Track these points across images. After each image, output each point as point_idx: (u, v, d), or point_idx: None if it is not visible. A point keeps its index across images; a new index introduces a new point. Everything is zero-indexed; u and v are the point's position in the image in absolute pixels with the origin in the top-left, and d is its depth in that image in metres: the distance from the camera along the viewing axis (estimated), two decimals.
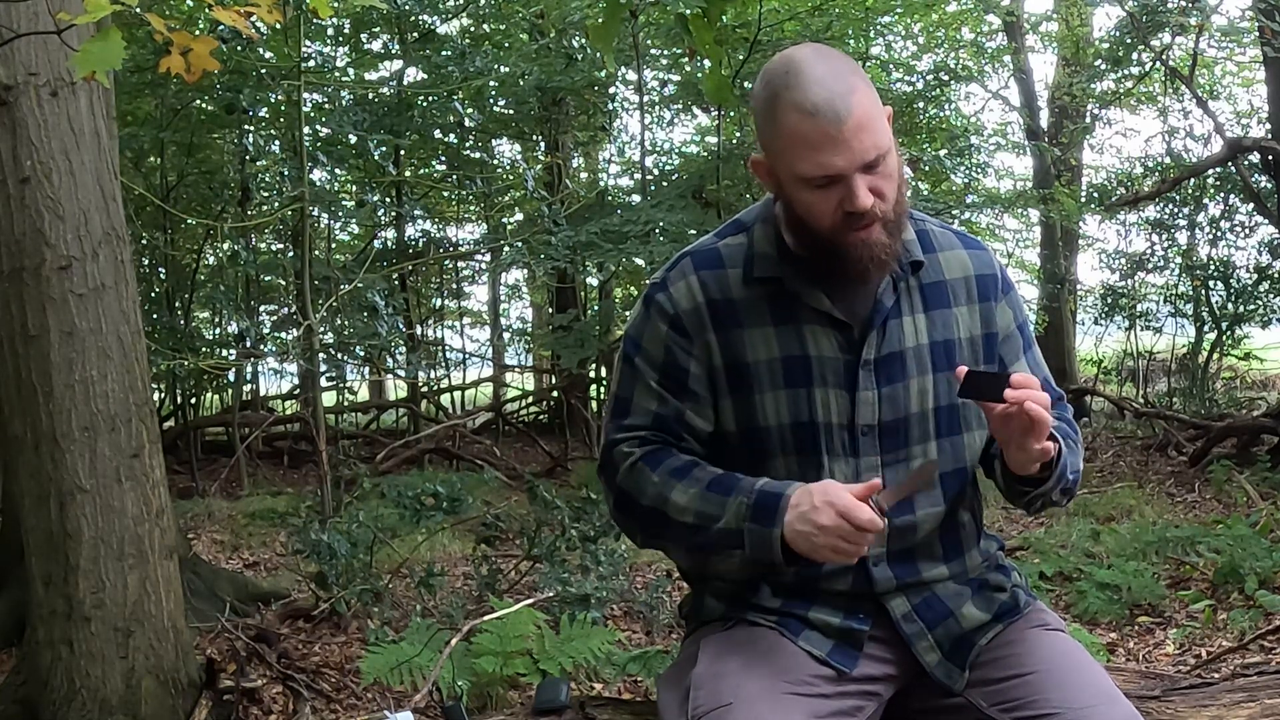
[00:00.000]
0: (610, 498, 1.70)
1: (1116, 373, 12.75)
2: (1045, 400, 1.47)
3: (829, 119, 1.47)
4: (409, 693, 3.61)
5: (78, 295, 3.18)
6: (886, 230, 1.55)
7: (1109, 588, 4.75)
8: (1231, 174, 9.81)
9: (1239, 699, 1.84)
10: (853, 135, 1.47)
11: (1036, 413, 1.45)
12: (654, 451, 1.64)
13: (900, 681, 1.65)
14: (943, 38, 10.95)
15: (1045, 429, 1.47)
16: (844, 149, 1.48)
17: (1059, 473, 1.59)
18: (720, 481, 1.59)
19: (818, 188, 1.52)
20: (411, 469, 9.21)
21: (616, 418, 1.69)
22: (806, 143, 1.49)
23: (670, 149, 11.97)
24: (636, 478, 1.63)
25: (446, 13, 9.91)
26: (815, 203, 1.53)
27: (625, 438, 1.66)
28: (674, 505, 1.59)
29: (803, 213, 1.56)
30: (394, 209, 9.86)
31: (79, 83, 3.16)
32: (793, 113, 1.49)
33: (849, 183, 1.50)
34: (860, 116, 1.48)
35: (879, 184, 1.52)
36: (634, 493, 1.63)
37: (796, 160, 1.51)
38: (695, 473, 1.61)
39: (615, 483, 1.66)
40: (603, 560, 4.59)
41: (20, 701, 3.46)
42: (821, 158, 1.49)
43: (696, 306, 1.64)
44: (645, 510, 1.63)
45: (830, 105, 1.47)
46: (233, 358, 9.38)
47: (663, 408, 1.65)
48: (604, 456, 1.70)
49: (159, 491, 3.37)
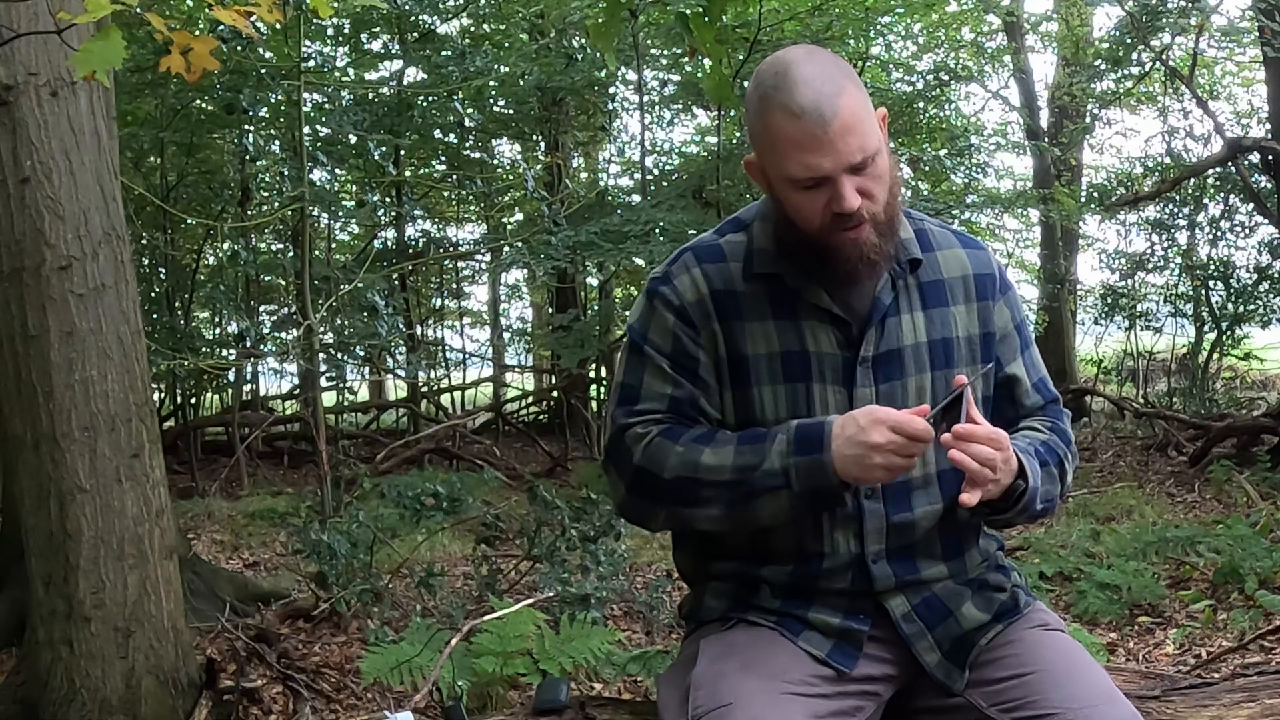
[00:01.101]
0: (623, 483, 1.64)
1: (1116, 373, 12.75)
2: (984, 455, 1.47)
3: (814, 120, 1.47)
4: (409, 693, 3.61)
5: (78, 295, 3.18)
6: (877, 231, 1.55)
7: (1109, 588, 4.75)
8: (1231, 174, 9.80)
9: (1239, 699, 1.84)
10: (839, 137, 1.48)
11: (962, 463, 1.47)
12: (671, 428, 1.62)
13: (900, 681, 1.65)
14: (943, 38, 10.94)
15: (979, 479, 1.48)
16: (829, 150, 1.48)
17: (1021, 507, 1.59)
18: (751, 434, 1.58)
19: (805, 189, 1.52)
20: (411, 469, 9.21)
21: (625, 404, 1.65)
22: (793, 144, 1.49)
23: (670, 149, 11.99)
24: (656, 453, 1.59)
25: (446, 13, 9.90)
26: (803, 204, 1.54)
27: (638, 420, 1.63)
28: (706, 467, 1.56)
29: (792, 213, 1.57)
30: (394, 209, 9.86)
31: (79, 82, 3.16)
32: (779, 114, 1.49)
33: (836, 184, 1.50)
34: (847, 118, 1.48)
35: (868, 185, 1.52)
36: (655, 468, 1.59)
37: (784, 161, 1.52)
38: (720, 435, 1.60)
39: (631, 464, 1.61)
40: (603, 560, 4.59)
41: (20, 701, 3.45)
42: (808, 159, 1.49)
43: (701, 298, 1.64)
44: (670, 483, 1.59)
45: (816, 107, 1.47)
46: (233, 358, 9.38)
47: (678, 391, 1.63)
48: (613, 442, 1.65)
49: (159, 491, 3.36)
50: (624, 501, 1.67)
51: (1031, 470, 1.58)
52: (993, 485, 1.50)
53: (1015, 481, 1.56)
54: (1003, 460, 1.50)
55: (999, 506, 1.58)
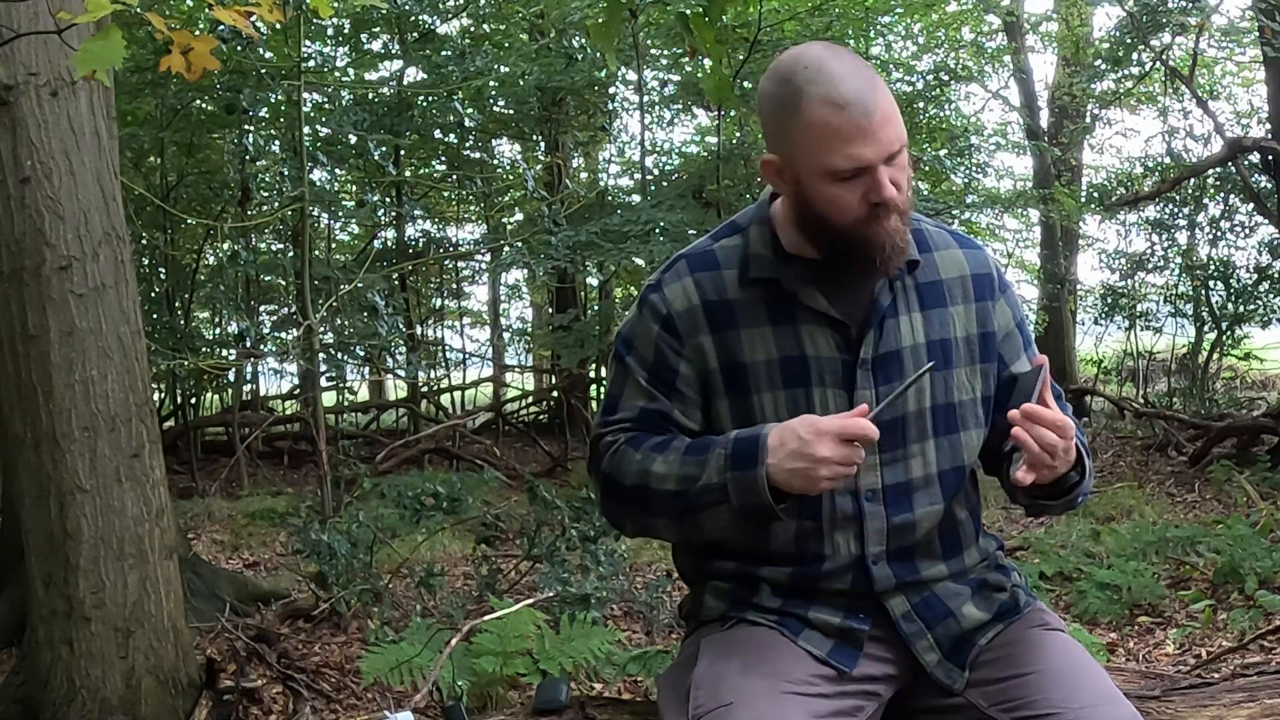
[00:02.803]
0: (597, 489, 1.71)
1: (1116, 373, 12.74)
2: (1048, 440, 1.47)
3: (859, 111, 1.48)
4: (409, 693, 3.61)
5: (78, 295, 3.18)
6: (903, 220, 1.57)
7: (1109, 588, 4.76)
8: (1231, 174, 9.80)
9: (1239, 699, 1.84)
10: (880, 127, 1.49)
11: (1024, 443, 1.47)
12: (635, 436, 1.65)
13: (900, 681, 1.65)
14: (943, 38, 10.95)
15: (1037, 463, 1.48)
16: (873, 141, 1.49)
17: (1068, 499, 1.61)
18: (697, 443, 1.60)
19: (843, 180, 1.52)
20: (411, 469, 9.21)
21: (605, 414, 1.70)
22: (837, 135, 1.49)
23: (670, 149, 11.98)
24: (619, 460, 1.63)
25: (446, 13, 9.90)
26: (839, 195, 1.53)
27: (610, 430, 1.67)
28: (655, 476, 1.59)
29: (824, 208, 1.55)
30: (394, 209, 9.85)
31: (79, 82, 3.16)
32: (821, 106, 1.49)
33: (874, 174, 1.51)
34: (886, 109, 1.50)
35: (897, 175, 1.54)
36: (617, 475, 1.63)
37: (824, 154, 1.51)
38: (674, 443, 1.61)
39: (600, 471, 1.67)
40: (603, 560, 4.59)
41: (20, 701, 3.46)
42: (853, 150, 1.49)
43: (691, 308, 1.64)
44: (629, 491, 1.62)
45: (859, 98, 1.48)
46: (233, 358, 9.38)
47: (650, 404, 1.65)
48: (590, 449, 1.72)
49: (159, 491, 3.37)
50: (600, 507, 1.74)
51: (1089, 468, 1.60)
52: (1048, 471, 1.50)
53: (1070, 473, 1.56)
54: (1064, 449, 1.50)
55: (1048, 492, 1.58)
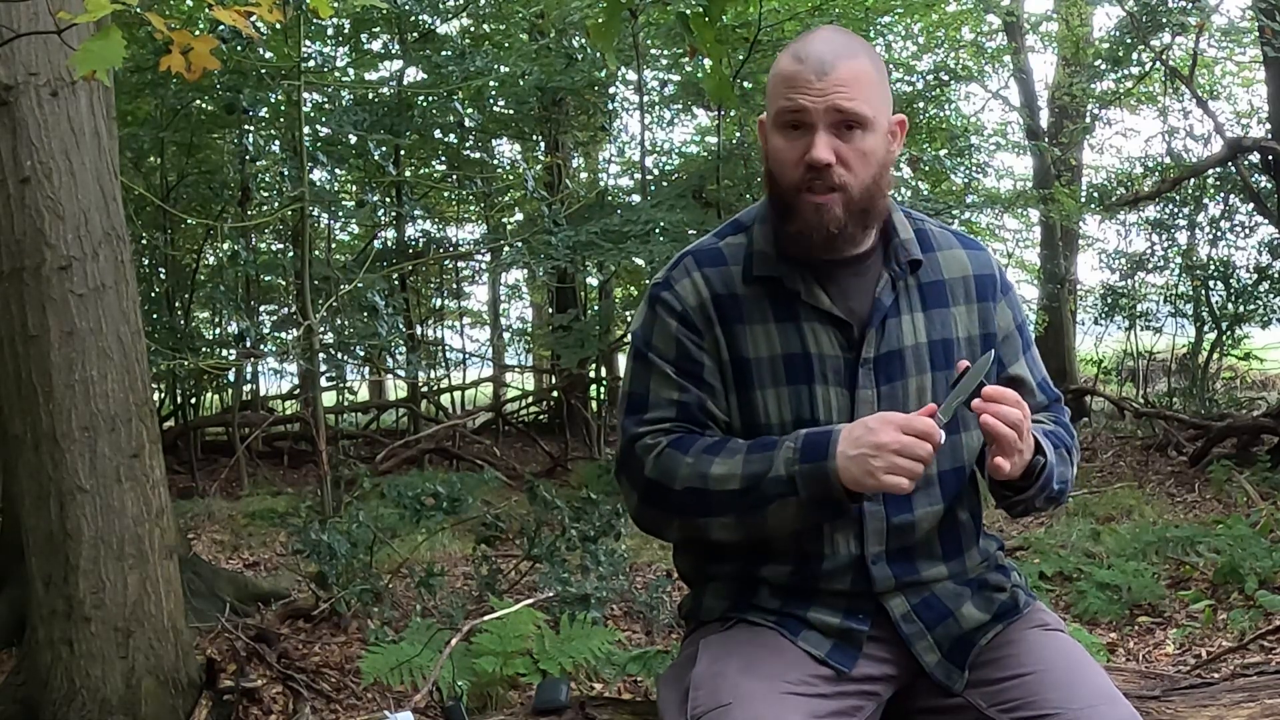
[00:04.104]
0: (635, 494, 1.65)
1: (1116, 373, 12.75)
2: (1013, 417, 1.47)
3: (815, 65, 1.53)
4: (409, 693, 3.61)
5: (78, 295, 3.18)
6: (846, 208, 1.57)
7: (1109, 588, 4.75)
8: (1231, 174, 9.80)
9: (1239, 699, 1.84)
10: (831, 86, 1.53)
11: (993, 427, 1.47)
12: (681, 438, 1.61)
13: (900, 681, 1.65)
14: (943, 38, 10.94)
15: (1008, 445, 1.48)
16: (815, 93, 1.53)
17: (1041, 483, 1.59)
18: (759, 443, 1.58)
19: (786, 127, 1.56)
20: (411, 469, 9.21)
21: (634, 413, 1.66)
22: (788, 81, 1.55)
23: (670, 149, 11.97)
24: (667, 464, 1.60)
25: (446, 13, 9.90)
26: (781, 149, 1.57)
27: (648, 430, 1.63)
28: (715, 477, 1.56)
29: (771, 163, 1.60)
30: (394, 209, 9.85)
31: (79, 82, 3.16)
32: (786, 57, 1.57)
33: (814, 132, 1.54)
34: (846, 75, 1.53)
35: (847, 153, 1.55)
36: (666, 480, 1.59)
37: (776, 98, 1.57)
38: (730, 445, 1.59)
39: (643, 476, 1.62)
40: (603, 560, 4.59)
41: (20, 701, 3.46)
42: (795, 93, 1.54)
43: (702, 302, 1.65)
44: (681, 494, 1.58)
45: (821, 57, 1.54)
46: (233, 358, 9.38)
47: (685, 396, 1.63)
48: (624, 454, 1.66)
49: (159, 491, 3.36)
50: (638, 512, 1.68)
51: (1047, 446, 1.60)
52: (1018, 456, 1.50)
53: (1034, 457, 1.56)
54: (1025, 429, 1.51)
55: (1020, 486, 1.58)
